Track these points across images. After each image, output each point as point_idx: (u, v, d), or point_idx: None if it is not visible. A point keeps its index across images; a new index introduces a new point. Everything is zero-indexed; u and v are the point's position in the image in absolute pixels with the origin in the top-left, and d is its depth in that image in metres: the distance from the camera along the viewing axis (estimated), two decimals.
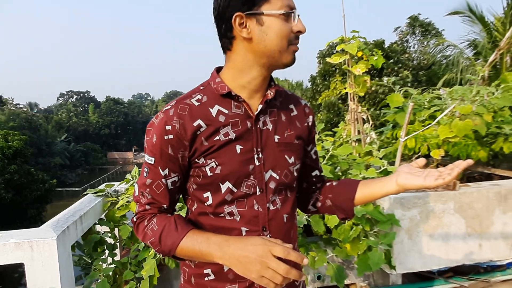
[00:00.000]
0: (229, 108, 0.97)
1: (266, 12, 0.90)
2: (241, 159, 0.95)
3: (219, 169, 0.94)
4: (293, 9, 0.92)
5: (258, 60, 0.95)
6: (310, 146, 1.16)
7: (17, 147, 20.21)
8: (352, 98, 3.13)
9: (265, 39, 0.92)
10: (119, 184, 2.67)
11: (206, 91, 0.99)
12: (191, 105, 0.95)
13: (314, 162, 1.19)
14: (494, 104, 2.79)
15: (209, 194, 0.96)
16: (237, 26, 0.92)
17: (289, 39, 0.93)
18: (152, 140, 0.95)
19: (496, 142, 2.73)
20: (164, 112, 0.95)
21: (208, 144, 0.93)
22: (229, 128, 0.95)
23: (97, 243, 2.30)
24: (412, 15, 18.17)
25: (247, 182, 0.96)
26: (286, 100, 1.09)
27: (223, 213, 0.96)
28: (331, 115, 13.13)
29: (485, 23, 10.58)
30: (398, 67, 13.70)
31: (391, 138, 3.19)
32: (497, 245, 2.51)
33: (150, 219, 0.98)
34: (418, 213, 2.39)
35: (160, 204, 0.98)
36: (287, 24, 0.92)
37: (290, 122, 1.06)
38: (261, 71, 0.97)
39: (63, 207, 2.34)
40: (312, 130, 1.14)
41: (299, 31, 0.93)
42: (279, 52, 0.93)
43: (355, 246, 2.25)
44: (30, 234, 1.80)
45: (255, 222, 0.97)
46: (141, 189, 0.99)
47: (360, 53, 3.00)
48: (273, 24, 0.91)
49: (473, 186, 2.53)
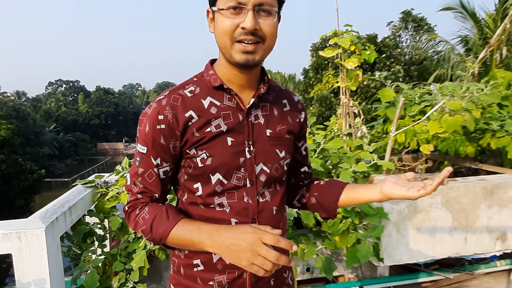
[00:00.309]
0: (221, 101, 0.98)
1: (214, 8, 0.93)
2: (232, 151, 0.96)
3: (210, 160, 0.95)
4: (243, 4, 0.88)
5: (223, 56, 0.97)
6: (301, 142, 1.17)
7: (4, 136, 19.87)
8: (344, 92, 3.14)
9: (216, 35, 0.95)
10: (109, 175, 2.65)
11: (200, 83, 1.00)
12: (184, 96, 0.96)
13: (303, 158, 1.20)
14: (483, 101, 2.83)
15: (200, 185, 0.98)
16: (208, 21, 0.97)
17: (233, 36, 0.90)
18: (145, 130, 0.96)
19: (483, 138, 2.78)
20: (157, 102, 0.96)
21: (199, 135, 0.94)
22: (220, 120, 0.96)
23: (86, 234, 2.29)
24: (405, 10, 18.23)
25: (237, 174, 0.97)
26: (279, 95, 1.09)
27: (213, 204, 0.98)
28: (323, 109, 13.17)
29: (476, 19, 10.68)
30: (390, 61, 13.77)
31: (382, 133, 3.22)
32: (482, 239, 2.57)
33: (142, 208, 0.98)
34: (406, 206, 2.43)
35: (151, 193, 0.99)
36: (229, 20, 0.89)
37: (282, 117, 1.06)
38: (231, 67, 0.97)
39: (52, 198, 2.32)
40: (303, 126, 1.15)
41: (243, 27, 0.88)
42: (224, 49, 0.93)
43: (344, 239, 2.28)
44: (18, 225, 1.78)
45: (244, 214, 0.98)
46: (133, 178, 1.00)
47: (353, 47, 3.01)
48: (217, 20, 0.92)
49: (460, 181, 2.58)
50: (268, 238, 0.81)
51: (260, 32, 0.90)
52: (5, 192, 19.39)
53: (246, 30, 0.88)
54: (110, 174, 2.64)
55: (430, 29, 17.50)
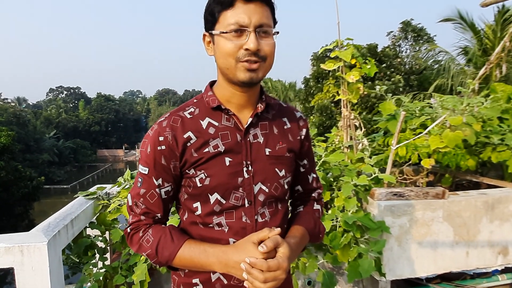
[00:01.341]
0: (219, 121, 1.00)
1: (214, 32, 0.95)
2: (230, 171, 0.98)
3: (208, 180, 0.97)
4: (244, 26, 0.91)
5: (224, 77, 0.99)
6: (301, 160, 1.16)
7: (4, 143, 19.87)
8: (345, 105, 3.16)
9: (217, 57, 0.97)
10: (111, 187, 2.65)
11: (199, 104, 1.03)
12: (183, 118, 0.99)
13: (299, 177, 1.18)
14: (483, 114, 2.85)
15: (199, 204, 1.00)
16: (205, 45, 1.00)
17: (237, 57, 0.92)
18: (147, 151, 0.98)
19: (484, 152, 2.79)
20: (158, 124, 0.99)
21: (198, 156, 0.97)
22: (218, 140, 0.98)
23: (87, 247, 2.29)
24: (404, 20, 18.39)
25: (235, 194, 0.98)
26: (279, 112, 1.10)
27: (212, 223, 0.99)
28: (324, 118, 13.20)
29: (476, 30, 10.78)
30: (391, 71, 13.87)
31: (383, 145, 3.23)
32: (484, 253, 2.56)
33: (145, 230, 1.00)
34: (407, 220, 2.43)
35: (154, 213, 1.01)
36: (232, 42, 0.92)
37: (282, 135, 1.07)
38: (233, 87, 0.99)
39: (51, 205, 2.33)
40: (304, 143, 1.14)
41: (247, 48, 0.92)
42: (227, 70, 0.95)
43: (345, 253, 2.28)
44: (21, 239, 1.78)
45: (243, 234, 0.98)
46: (134, 199, 1.01)
47: (354, 60, 3.03)
48: (219, 43, 0.94)
49: (462, 194, 2.58)
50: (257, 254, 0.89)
51: (261, 52, 0.93)
52: (4, 199, 19.33)
53: (250, 51, 0.91)
54: (112, 186, 2.65)
55: (430, 39, 17.65)
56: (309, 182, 1.21)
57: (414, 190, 2.48)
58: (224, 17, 0.92)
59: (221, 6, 0.91)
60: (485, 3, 2.73)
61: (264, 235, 0.92)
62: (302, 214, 1.17)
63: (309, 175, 1.21)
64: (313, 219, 1.16)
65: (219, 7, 0.92)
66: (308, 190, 1.22)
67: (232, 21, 0.91)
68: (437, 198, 2.47)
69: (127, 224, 1.05)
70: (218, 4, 0.92)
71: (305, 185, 1.20)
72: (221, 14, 0.92)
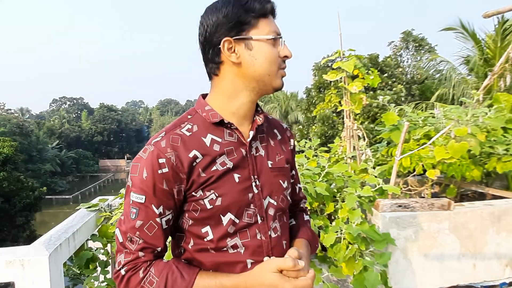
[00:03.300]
0: (222, 136, 0.94)
1: (255, 37, 0.91)
2: (240, 188, 0.93)
3: (220, 200, 0.90)
4: (280, 35, 0.94)
5: (248, 84, 0.94)
6: (291, 171, 1.15)
7: (7, 154, 19.94)
8: (348, 116, 3.15)
9: (255, 64, 0.92)
10: (113, 199, 2.64)
11: (196, 120, 0.96)
12: (182, 136, 0.91)
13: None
14: (487, 124, 2.83)
15: (209, 229, 0.92)
16: (225, 51, 0.91)
17: (278, 64, 0.94)
18: (142, 176, 0.87)
19: (489, 162, 2.76)
20: (154, 144, 0.89)
21: (206, 175, 0.90)
22: (225, 157, 0.93)
23: (89, 260, 2.26)
24: (405, 30, 18.51)
25: (248, 211, 0.94)
26: (270, 125, 1.09)
27: (226, 246, 0.92)
28: (326, 128, 13.21)
29: (477, 40, 10.83)
30: (392, 81, 13.90)
31: (386, 156, 3.21)
32: (491, 266, 2.52)
33: (146, 269, 0.88)
34: (413, 232, 2.40)
35: (154, 247, 0.89)
36: (274, 49, 0.93)
37: (278, 146, 1.06)
38: (250, 96, 0.96)
39: (52, 215, 2.32)
40: (293, 154, 1.15)
41: (286, 56, 0.95)
42: (269, 76, 0.93)
43: (350, 266, 2.24)
44: (22, 252, 1.76)
45: (259, 252, 0.94)
46: (128, 234, 0.88)
47: (356, 71, 3.04)
48: (262, 49, 0.91)
49: (467, 206, 2.55)
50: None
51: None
52: (6, 210, 19.30)
53: (288, 58, 0.96)
54: (114, 198, 2.63)
55: (431, 48, 17.74)
56: (297, 192, 1.21)
57: (419, 202, 2.45)
58: (263, 24, 0.92)
59: (259, 13, 0.91)
60: (487, 14, 2.74)
61: (287, 267, 0.85)
62: (299, 226, 1.15)
63: (296, 186, 1.20)
64: (310, 230, 1.16)
65: (255, 13, 0.91)
66: (296, 201, 1.20)
67: (272, 29, 0.93)
68: (443, 210, 2.44)
69: (116, 266, 0.90)
70: (252, 11, 0.90)
71: (294, 195, 1.19)
72: (259, 20, 0.91)
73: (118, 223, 0.91)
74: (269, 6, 0.93)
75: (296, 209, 1.21)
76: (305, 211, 1.23)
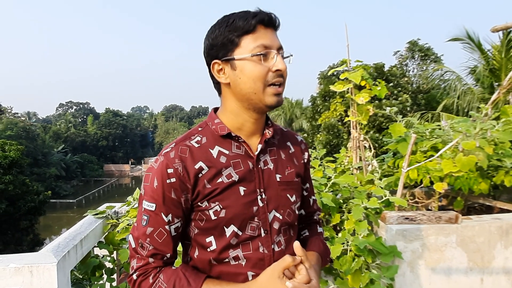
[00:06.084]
0: (229, 149, 0.96)
1: (237, 57, 0.91)
2: (245, 200, 0.94)
3: (224, 212, 0.92)
4: (269, 48, 0.91)
5: (241, 104, 0.95)
6: (304, 184, 1.15)
7: (13, 157, 20.08)
8: (355, 126, 3.15)
9: (239, 83, 0.92)
10: (120, 206, 2.65)
11: (205, 132, 0.98)
12: (191, 147, 0.94)
13: (303, 200, 1.16)
14: (494, 137, 2.82)
15: (212, 239, 0.94)
16: (215, 73, 0.95)
17: (265, 80, 0.91)
18: (153, 185, 0.91)
19: (497, 175, 2.75)
20: (164, 155, 0.93)
21: (211, 187, 0.92)
22: (231, 169, 0.94)
23: (95, 267, 2.27)
24: (411, 40, 18.56)
25: (251, 224, 0.95)
26: (283, 137, 1.09)
27: (228, 258, 0.94)
28: (331, 137, 13.20)
29: (483, 50, 10.83)
30: (398, 90, 13.91)
31: (393, 167, 3.21)
32: (499, 280, 2.49)
33: (156, 275, 0.91)
34: (420, 245, 2.38)
35: (163, 253, 0.92)
36: (261, 65, 0.91)
37: (289, 160, 1.06)
38: (249, 113, 0.97)
39: (56, 219, 2.33)
40: (307, 167, 1.14)
41: (278, 69, 0.92)
42: (255, 94, 0.92)
43: (357, 278, 2.23)
44: (30, 259, 1.77)
45: (261, 266, 0.95)
46: (140, 240, 0.92)
47: (364, 82, 3.05)
48: (244, 67, 0.91)
49: (475, 219, 2.53)
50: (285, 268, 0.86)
51: (284, 73, 0.94)
52: (10, 213, 19.39)
53: (280, 72, 0.92)
54: (121, 205, 2.64)
55: (437, 58, 17.74)
56: (311, 205, 1.21)
57: (426, 214, 2.44)
58: (246, 42, 0.90)
59: (241, 31, 0.89)
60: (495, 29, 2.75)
61: (287, 264, 0.86)
62: (312, 239, 1.15)
63: (310, 198, 1.20)
64: (322, 242, 1.15)
65: (237, 32, 0.90)
66: (309, 213, 1.21)
67: (257, 44, 0.90)
68: (450, 223, 2.42)
69: (130, 270, 0.95)
70: (235, 30, 0.89)
71: (307, 208, 1.20)
72: (241, 39, 0.90)
73: (132, 230, 0.95)
74: (256, 20, 0.89)
75: (309, 220, 1.21)
76: (319, 223, 1.23)
